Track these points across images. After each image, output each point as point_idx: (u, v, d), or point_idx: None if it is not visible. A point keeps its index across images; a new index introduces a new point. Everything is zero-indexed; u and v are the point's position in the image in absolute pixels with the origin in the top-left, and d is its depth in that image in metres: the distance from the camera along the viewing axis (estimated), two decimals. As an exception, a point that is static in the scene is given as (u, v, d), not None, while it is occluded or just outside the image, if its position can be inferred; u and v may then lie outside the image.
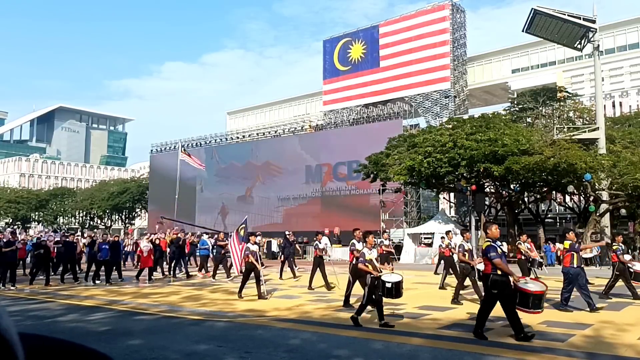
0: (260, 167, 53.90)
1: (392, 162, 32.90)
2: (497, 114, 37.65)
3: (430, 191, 42.98)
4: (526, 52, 56.87)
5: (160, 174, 61.16)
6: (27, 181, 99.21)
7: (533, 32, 34.49)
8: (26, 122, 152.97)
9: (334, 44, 61.96)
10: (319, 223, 38.40)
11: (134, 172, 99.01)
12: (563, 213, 47.38)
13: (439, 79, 53.06)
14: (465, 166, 29.99)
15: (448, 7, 53.25)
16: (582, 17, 31.63)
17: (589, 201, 33.14)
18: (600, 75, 33.71)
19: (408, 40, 55.19)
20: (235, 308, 11.69)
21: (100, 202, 70.72)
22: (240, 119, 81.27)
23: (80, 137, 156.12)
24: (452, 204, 48.63)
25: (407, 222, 42.85)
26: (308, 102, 72.28)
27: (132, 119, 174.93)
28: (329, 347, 7.45)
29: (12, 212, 74.03)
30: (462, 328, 8.95)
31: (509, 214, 35.05)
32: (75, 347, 0.62)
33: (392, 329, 8.88)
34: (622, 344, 7.51)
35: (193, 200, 58.23)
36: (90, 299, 13.73)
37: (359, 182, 42.47)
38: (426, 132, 34.79)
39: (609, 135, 31.37)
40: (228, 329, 9.19)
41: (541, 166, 27.61)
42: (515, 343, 7.64)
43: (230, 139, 60.70)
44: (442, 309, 11.19)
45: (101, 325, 9.63)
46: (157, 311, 11.45)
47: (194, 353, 7.13)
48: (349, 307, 11.17)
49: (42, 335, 0.62)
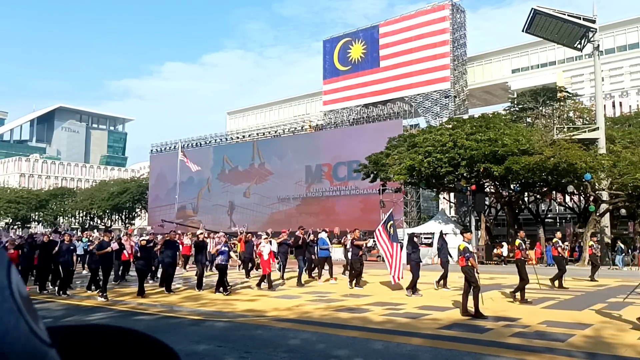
0: (261, 167, 53.91)
1: (392, 162, 32.89)
2: (497, 114, 37.64)
3: (430, 191, 42.98)
4: (526, 52, 56.84)
5: (160, 174, 61.20)
6: (27, 181, 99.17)
7: (533, 32, 34.48)
8: (26, 122, 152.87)
9: (334, 44, 61.92)
10: (319, 223, 38.37)
11: (134, 172, 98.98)
12: (563, 213, 47.37)
13: (439, 79, 53.02)
14: (465, 166, 29.98)
15: (448, 7, 53.21)
16: (582, 17, 31.62)
17: (589, 201, 33.12)
18: (600, 75, 33.69)
19: (408, 40, 55.16)
20: (235, 308, 11.69)
21: (100, 202, 70.71)
22: (240, 119, 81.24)
23: (80, 137, 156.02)
24: (452, 204, 48.60)
25: (407, 222, 42.84)
26: (308, 102, 72.25)
27: (132, 119, 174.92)
28: (329, 347, 7.44)
29: (12, 212, 74.04)
30: (462, 328, 8.95)
31: (509, 214, 35.03)
32: (147, 339, 0.61)
33: (392, 328, 8.88)
34: (622, 344, 7.51)
35: (194, 200, 58.25)
36: (90, 299, 13.73)
37: (359, 182, 42.45)
38: (426, 132, 34.77)
39: (609, 135, 31.36)
40: (228, 329, 9.18)
41: (541, 166, 27.60)
42: (515, 343, 7.64)
43: (231, 139, 60.71)
44: (442, 309, 11.18)
45: (101, 326, 9.61)
46: (157, 311, 11.45)
47: (194, 353, 7.12)
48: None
49: (114, 327, 0.62)
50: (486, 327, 9.00)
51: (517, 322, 9.52)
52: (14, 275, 0.50)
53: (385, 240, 14.34)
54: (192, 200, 57.97)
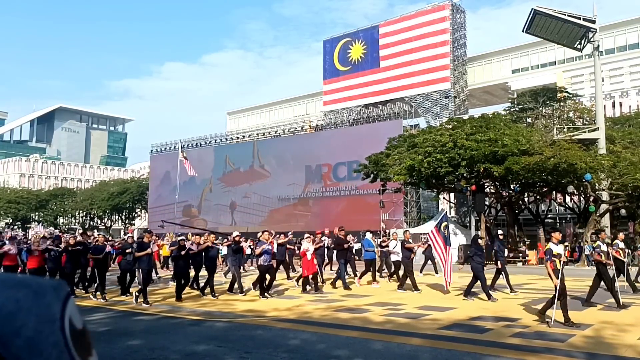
0: (261, 167, 53.93)
1: (392, 162, 32.89)
2: (497, 114, 37.64)
3: (430, 191, 42.96)
4: (526, 52, 56.84)
5: (161, 174, 61.23)
6: (27, 181, 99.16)
7: (533, 32, 34.49)
8: (26, 122, 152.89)
9: (334, 44, 61.91)
10: (319, 223, 38.38)
11: (134, 172, 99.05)
12: (563, 213, 47.36)
13: (439, 79, 53.01)
14: (465, 166, 29.98)
15: (448, 8, 53.20)
16: (582, 17, 31.62)
17: (589, 201, 33.12)
18: (600, 75, 33.70)
19: (408, 41, 55.15)
20: (235, 308, 11.69)
21: (100, 202, 70.73)
22: (240, 119, 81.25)
23: (80, 137, 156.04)
24: (452, 204, 48.60)
25: (407, 222, 42.84)
26: (308, 102, 72.24)
27: (132, 119, 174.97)
28: (328, 347, 7.45)
29: (12, 212, 74.07)
30: (462, 328, 8.95)
31: (509, 214, 35.03)
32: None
33: (392, 328, 8.88)
34: (622, 344, 7.51)
35: (195, 200, 58.25)
36: (90, 299, 13.72)
37: (359, 182, 42.46)
38: (426, 132, 34.77)
39: (609, 136, 31.36)
40: (228, 329, 9.19)
41: (541, 166, 27.60)
42: (515, 343, 7.64)
43: (231, 139, 60.73)
44: (442, 309, 11.18)
45: (101, 326, 9.62)
46: (157, 311, 11.45)
47: (194, 353, 7.13)
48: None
49: None
50: (486, 328, 9.00)
51: (517, 322, 9.53)
52: (70, 307, 0.51)
53: (440, 244, 13.60)
54: (193, 200, 57.98)
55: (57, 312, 0.49)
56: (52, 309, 0.49)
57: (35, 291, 0.49)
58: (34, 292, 0.49)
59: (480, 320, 9.74)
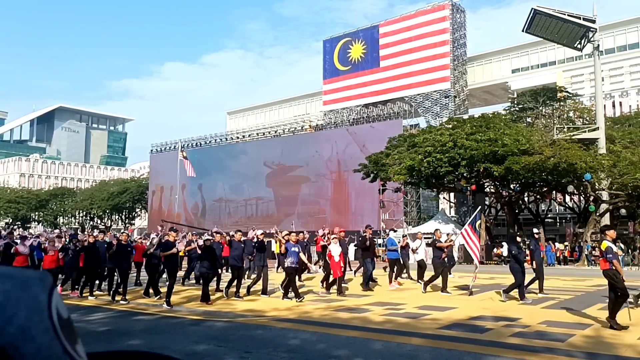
0: (261, 167, 53.91)
1: (392, 162, 32.90)
2: (497, 114, 37.65)
3: (430, 191, 42.97)
4: (526, 52, 56.84)
5: (160, 174, 61.22)
6: (27, 181, 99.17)
7: (533, 32, 34.49)
8: (26, 122, 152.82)
9: (334, 44, 61.93)
10: (319, 222, 38.39)
11: (134, 172, 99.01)
12: (563, 213, 47.36)
13: (439, 79, 53.02)
14: (465, 166, 29.97)
15: (448, 7, 53.22)
16: (582, 17, 31.62)
17: (589, 201, 33.13)
18: (600, 75, 33.69)
19: (408, 40, 55.16)
20: (235, 308, 11.68)
21: (100, 202, 70.74)
22: (240, 119, 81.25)
23: (80, 137, 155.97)
24: (452, 204, 48.60)
25: (407, 222, 42.84)
26: (308, 102, 72.25)
27: (132, 119, 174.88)
28: (329, 347, 7.44)
29: (12, 212, 74.08)
30: (462, 328, 8.94)
31: (509, 214, 35.03)
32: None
33: (392, 328, 8.87)
34: (622, 344, 7.50)
35: (195, 200, 58.24)
36: (89, 299, 13.70)
37: (359, 182, 42.46)
38: (426, 132, 34.78)
39: (609, 135, 31.36)
40: (228, 329, 9.18)
41: (541, 166, 27.60)
42: (515, 343, 7.64)
43: (231, 139, 60.73)
44: (442, 309, 11.17)
45: (101, 325, 9.62)
46: (156, 311, 11.44)
47: (194, 353, 7.12)
48: None
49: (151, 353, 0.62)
50: (486, 327, 8.99)
51: (517, 322, 9.51)
52: (55, 297, 0.53)
53: (475, 242, 13.19)
54: (193, 200, 57.99)
55: (44, 301, 0.51)
56: (40, 299, 0.51)
57: (22, 282, 0.51)
58: (21, 283, 0.51)
59: (480, 320, 9.74)
